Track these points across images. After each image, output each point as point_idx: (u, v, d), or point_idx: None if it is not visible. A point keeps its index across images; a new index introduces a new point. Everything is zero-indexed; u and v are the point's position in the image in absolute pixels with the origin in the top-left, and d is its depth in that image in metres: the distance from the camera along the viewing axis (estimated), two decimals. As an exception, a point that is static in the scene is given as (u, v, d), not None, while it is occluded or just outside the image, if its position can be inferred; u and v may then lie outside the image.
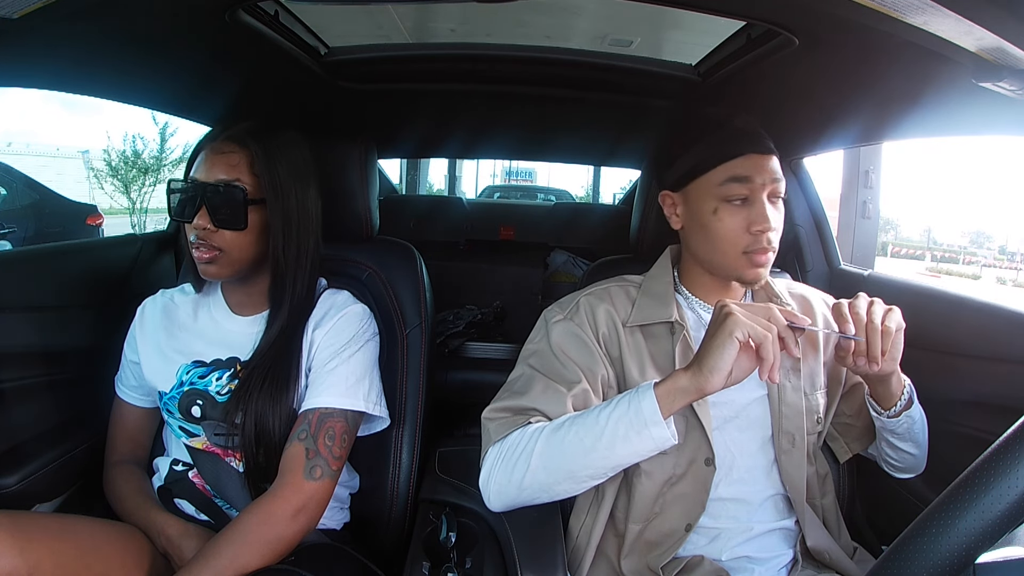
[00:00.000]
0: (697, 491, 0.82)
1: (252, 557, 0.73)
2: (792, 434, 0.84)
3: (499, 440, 0.77)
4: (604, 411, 0.71)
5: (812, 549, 0.84)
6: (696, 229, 0.85)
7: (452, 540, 0.79)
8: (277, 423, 0.82)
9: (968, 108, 0.84)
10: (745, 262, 0.81)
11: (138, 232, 5.05)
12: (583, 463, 0.71)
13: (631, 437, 0.69)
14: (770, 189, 0.80)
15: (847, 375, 0.92)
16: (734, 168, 0.80)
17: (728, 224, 0.80)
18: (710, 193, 0.81)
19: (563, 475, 0.72)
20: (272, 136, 0.86)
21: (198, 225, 0.81)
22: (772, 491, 0.85)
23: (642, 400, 0.69)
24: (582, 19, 1.17)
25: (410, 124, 1.74)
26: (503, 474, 0.75)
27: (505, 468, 0.74)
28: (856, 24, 0.64)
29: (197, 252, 0.83)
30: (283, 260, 0.85)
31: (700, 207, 0.83)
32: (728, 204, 0.80)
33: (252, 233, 0.84)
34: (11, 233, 4.80)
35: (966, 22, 0.53)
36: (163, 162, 10.39)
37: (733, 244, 0.81)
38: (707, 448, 0.81)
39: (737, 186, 0.79)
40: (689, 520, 0.82)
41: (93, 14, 0.72)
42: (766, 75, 0.97)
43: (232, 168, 0.82)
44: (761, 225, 0.79)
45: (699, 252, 0.86)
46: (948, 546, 0.37)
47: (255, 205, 0.83)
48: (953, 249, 27.10)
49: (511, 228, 2.41)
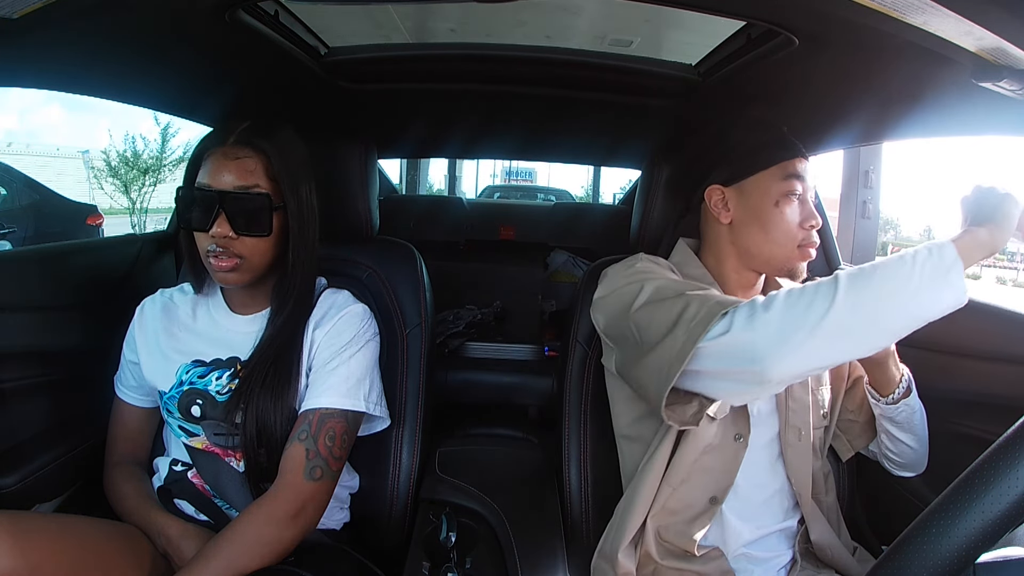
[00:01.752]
0: (726, 465, 0.83)
1: (252, 557, 0.73)
2: (799, 428, 0.86)
3: (732, 311, 0.68)
4: (906, 256, 0.65)
5: (815, 544, 0.85)
6: (751, 222, 0.87)
7: (452, 540, 0.79)
8: (278, 422, 0.82)
9: (968, 108, 0.84)
10: (798, 254, 0.86)
11: (138, 232, 5.05)
12: (889, 307, 0.63)
13: (937, 282, 0.63)
14: (812, 191, 0.88)
15: (850, 369, 0.93)
16: (793, 166, 0.85)
17: (789, 217, 0.85)
18: (772, 187, 0.85)
19: (867, 319, 0.64)
20: (279, 137, 0.86)
21: (218, 234, 0.79)
22: (778, 486, 0.86)
23: (943, 248, 0.64)
24: (582, 19, 1.17)
25: (410, 124, 1.74)
26: (790, 315, 0.64)
27: (794, 310, 0.64)
28: (856, 24, 0.64)
29: (216, 261, 0.81)
30: (296, 261, 0.85)
31: (761, 201, 0.86)
32: (788, 199, 0.85)
33: (273, 237, 0.83)
34: (11, 233, 4.79)
35: (966, 22, 0.53)
36: (163, 162, 10.39)
37: (791, 237, 0.85)
38: (744, 424, 0.83)
39: (797, 183, 0.85)
40: (715, 492, 0.83)
41: (93, 14, 0.72)
42: (766, 75, 0.97)
43: (249, 174, 0.81)
44: (815, 220, 0.85)
45: (752, 245, 0.87)
46: (948, 546, 0.37)
47: (278, 210, 0.83)
48: (953, 249, 26.95)
49: (511, 228, 2.41)
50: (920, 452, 0.90)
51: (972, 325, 0.93)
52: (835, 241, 1.40)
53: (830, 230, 1.40)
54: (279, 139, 0.85)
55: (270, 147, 0.83)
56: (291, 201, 0.83)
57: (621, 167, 2.67)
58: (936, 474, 0.91)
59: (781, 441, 0.86)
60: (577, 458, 0.96)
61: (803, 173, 0.86)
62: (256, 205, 0.81)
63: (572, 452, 0.96)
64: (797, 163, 0.86)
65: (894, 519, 0.96)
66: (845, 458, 0.96)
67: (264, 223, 0.81)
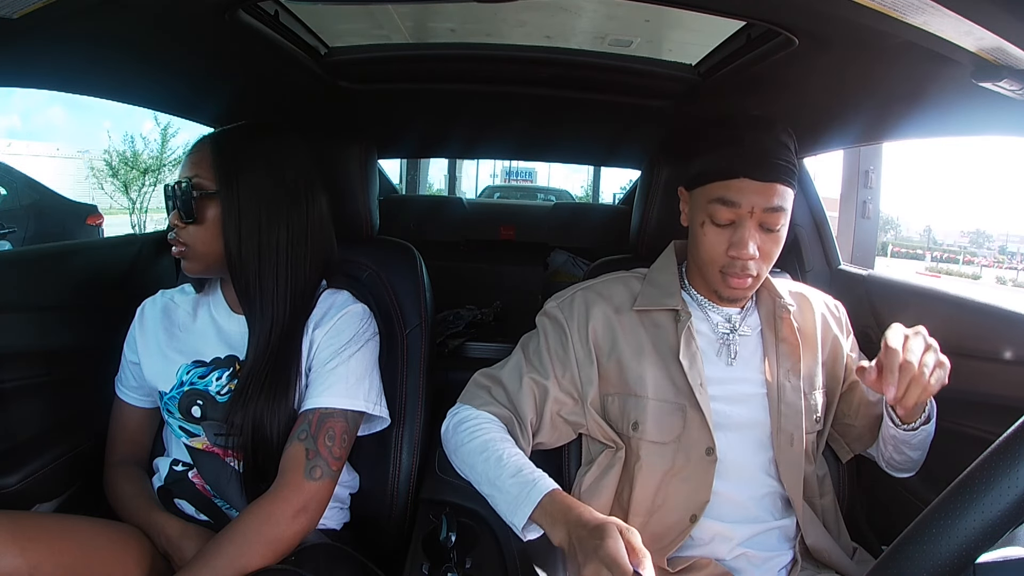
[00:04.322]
0: (700, 482, 0.82)
1: (252, 557, 0.73)
2: (791, 433, 0.84)
3: (462, 405, 0.91)
4: (510, 468, 0.78)
5: (811, 548, 0.84)
6: (690, 233, 0.87)
7: (452, 540, 0.79)
8: (277, 423, 0.82)
9: (968, 108, 0.84)
10: (721, 281, 0.83)
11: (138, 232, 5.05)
12: (479, 484, 0.82)
13: (506, 505, 0.76)
14: (762, 218, 0.79)
15: (845, 373, 0.93)
16: (725, 189, 0.79)
17: (710, 240, 0.82)
18: (701, 207, 0.82)
19: (471, 478, 0.84)
20: (240, 134, 0.88)
21: (171, 222, 0.85)
22: (770, 489, 0.85)
23: (530, 493, 0.74)
24: (582, 19, 1.17)
25: (410, 124, 1.74)
26: (454, 438, 0.87)
27: (458, 434, 0.86)
28: (856, 24, 0.64)
29: (172, 245, 0.86)
30: (235, 255, 0.83)
31: (694, 215, 0.85)
32: (712, 224, 0.81)
33: (213, 228, 0.84)
34: (11, 233, 4.79)
35: (966, 22, 0.53)
36: (163, 162, 10.39)
37: (712, 261, 0.82)
38: (707, 438, 0.82)
39: (723, 209, 0.80)
40: (694, 511, 0.82)
41: (93, 14, 0.72)
42: (766, 75, 0.97)
43: (194, 165, 0.85)
44: (738, 252, 0.79)
45: (693, 258, 0.88)
46: (948, 546, 0.37)
47: (208, 197, 0.83)
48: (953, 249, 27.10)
49: (511, 228, 2.41)
50: (921, 459, 0.89)
51: (972, 325, 0.93)
52: (835, 241, 1.40)
53: (830, 230, 1.40)
54: (235, 136, 0.87)
55: (216, 141, 0.86)
56: (223, 190, 0.83)
57: (621, 167, 2.68)
58: (936, 474, 0.91)
59: (773, 446, 0.85)
60: (577, 458, 0.96)
61: (739, 199, 0.78)
62: (185, 192, 0.83)
63: (572, 452, 0.96)
64: (737, 185, 0.78)
65: (894, 519, 0.96)
66: (844, 460, 0.96)
67: (189, 209, 0.83)
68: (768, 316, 0.89)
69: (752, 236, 0.79)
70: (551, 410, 0.88)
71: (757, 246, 0.79)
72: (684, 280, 0.92)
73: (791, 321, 0.88)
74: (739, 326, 0.89)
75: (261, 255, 0.84)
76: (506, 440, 0.83)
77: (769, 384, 0.86)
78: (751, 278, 0.81)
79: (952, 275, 19.57)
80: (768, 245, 0.80)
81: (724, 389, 0.85)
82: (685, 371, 0.83)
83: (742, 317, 0.90)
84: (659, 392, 0.85)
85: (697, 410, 0.82)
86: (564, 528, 0.69)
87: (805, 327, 0.91)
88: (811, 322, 0.91)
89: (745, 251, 0.78)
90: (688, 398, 0.83)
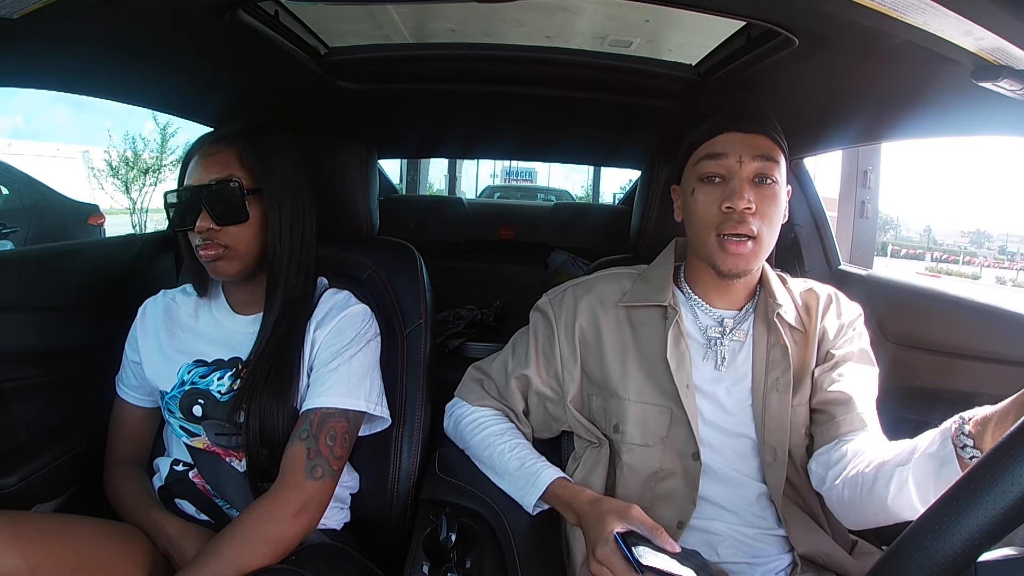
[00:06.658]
0: (687, 487, 0.81)
1: (253, 557, 0.73)
2: (774, 448, 0.81)
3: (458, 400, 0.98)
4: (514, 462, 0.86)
5: (805, 555, 0.82)
6: (685, 217, 0.85)
7: (452, 540, 0.79)
8: (281, 422, 0.83)
9: (968, 108, 0.84)
10: (719, 249, 0.78)
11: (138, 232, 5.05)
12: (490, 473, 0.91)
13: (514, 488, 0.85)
14: (753, 168, 0.77)
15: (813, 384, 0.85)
16: (711, 146, 0.79)
17: (702, 202, 0.79)
18: (691, 178, 0.82)
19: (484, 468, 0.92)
20: (258, 131, 0.88)
21: (201, 228, 0.82)
22: (760, 492, 0.83)
23: (539, 477, 0.82)
24: (582, 19, 1.17)
25: (410, 124, 1.74)
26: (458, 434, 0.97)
27: (461, 431, 0.96)
28: (856, 24, 0.64)
29: (204, 251, 0.83)
30: (280, 250, 0.86)
31: (686, 192, 0.83)
32: (704, 184, 0.79)
33: (255, 225, 0.84)
34: (13, 233, 4.79)
35: (966, 22, 0.53)
36: (163, 162, 10.39)
37: (707, 223, 0.79)
38: (693, 443, 0.81)
39: (711, 163, 0.78)
40: (681, 517, 0.81)
41: (93, 14, 0.72)
42: (766, 75, 0.97)
43: (223, 166, 0.84)
44: (732, 201, 0.75)
45: (690, 241, 0.86)
46: (950, 544, 0.37)
47: (252, 195, 0.84)
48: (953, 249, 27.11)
49: (511, 228, 2.41)
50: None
51: (972, 325, 0.93)
52: (835, 241, 1.40)
53: (830, 231, 1.40)
54: (260, 133, 0.87)
55: (242, 139, 0.85)
56: (266, 185, 0.84)
57: (621, 167, 2.68)
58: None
59: (760, 456, 0.82)
60: (576, 457, 0.96)
61: (726, 149, 0.77)
62: (230, 193, 0.82)
63: (566, 446, 0.97)
64: (722, 139, 0.78)
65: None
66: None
67: (239, 208, 0.83)
68: (763, 322, 0.85)
69: (745, 188, 0.76)
70: (538, 401, 0.93)
71: (752, 200, 0.76)
72: (681, 277, 0.90)
73: (786, 329, 0.84)
74: (731, 330, 0.85)
75: (292, 247, 0.87)
76: (506, 432, 0.91)
77: (755, 395, 0.83)
78: (751, 240, 0.77)
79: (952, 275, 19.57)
80: (764, 204, 0.77)
81: (710, 394, 0.83)
82: (672, 372, 0.81)
83: (736, 321, 0.86)
84: (643, 394, 0.84)
85: (683, 413, 0.80)
86: (574, 514, 0.77)
87: (806, 333, 0.86)
88: (812, 328, 0.86)
89: (740, 200, 0.75)
90: (674, 400, 0.82)
